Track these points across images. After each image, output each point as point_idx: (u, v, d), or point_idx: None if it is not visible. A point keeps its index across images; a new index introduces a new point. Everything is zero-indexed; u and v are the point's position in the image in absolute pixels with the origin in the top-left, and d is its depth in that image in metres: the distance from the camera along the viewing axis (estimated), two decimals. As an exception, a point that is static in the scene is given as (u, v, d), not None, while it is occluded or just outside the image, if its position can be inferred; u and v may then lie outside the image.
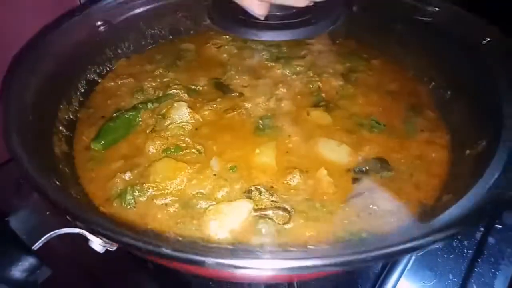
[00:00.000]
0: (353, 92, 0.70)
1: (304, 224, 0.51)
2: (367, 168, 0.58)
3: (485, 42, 0.61)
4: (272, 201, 0.53)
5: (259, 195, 0.53)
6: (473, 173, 0.50)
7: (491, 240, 0.67)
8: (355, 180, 0.57)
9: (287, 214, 0.52)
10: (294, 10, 0.60)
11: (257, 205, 0.53)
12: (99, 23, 0.70)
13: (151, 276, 0.64)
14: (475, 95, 0.61)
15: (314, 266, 0.36)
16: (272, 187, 0.55)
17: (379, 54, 0.78)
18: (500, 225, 0.69)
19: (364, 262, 0.37)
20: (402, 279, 0.62)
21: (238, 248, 0.48)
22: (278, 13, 0.59)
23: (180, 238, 0.50)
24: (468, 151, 0.56)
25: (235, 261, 0.36)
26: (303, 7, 0.56)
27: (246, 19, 0.59)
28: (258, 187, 0.54)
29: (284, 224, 0.51)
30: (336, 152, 0.60)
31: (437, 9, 0.70)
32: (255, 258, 0.36)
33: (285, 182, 0.55)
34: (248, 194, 0.54)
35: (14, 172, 0.72)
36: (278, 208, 0.52)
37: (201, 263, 0.36)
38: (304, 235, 0.50)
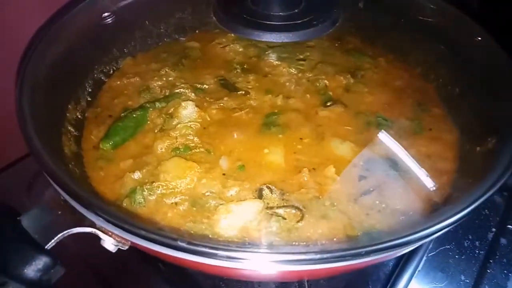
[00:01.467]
0: (359, 90, 0.70)
1: (314, 222, 0.51)
2: (375, 166, 0.58)
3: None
4: (283, 199, 0.53)
5: (270, 194, 0.53)
6: (484, 170, 0.50)
7: (503, 241, 0.67)
8: (362, 178, 0.56)
9: (299, 213, 0.51)
10: (296, 11, 0.60)
11: (268, 204, 0.52)
12: (105, 14, 0.69)
13: (163, 277, 0.64)
14: (485, 92, 0.60)
15: (322, 259, 0.38)
16: (281, 185, 0.54)
17: (385, 51, 0.77)
18: (513, 225, 0.69)
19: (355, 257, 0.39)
20: (413, 280, 0.61)
21: (248, 243, 0.48)
22: (281, 14, 0.59)
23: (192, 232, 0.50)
24: (478, 148, 0.56)
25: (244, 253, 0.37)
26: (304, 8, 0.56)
27: (249, 20, 0.59)
28: (269, 186, 0.54)
29: (297, 222, 0.51)
30: (344, 150, 0.59)
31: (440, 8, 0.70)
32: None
33: (294, 180, 0.55)
34: (259, 193, 0.53)
35: (24, 172, 0.73)
36: (291, 206, 0.52)
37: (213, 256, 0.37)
38: (316, 233, 0.50)
